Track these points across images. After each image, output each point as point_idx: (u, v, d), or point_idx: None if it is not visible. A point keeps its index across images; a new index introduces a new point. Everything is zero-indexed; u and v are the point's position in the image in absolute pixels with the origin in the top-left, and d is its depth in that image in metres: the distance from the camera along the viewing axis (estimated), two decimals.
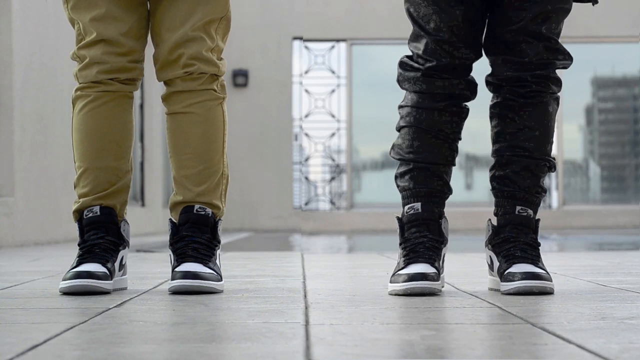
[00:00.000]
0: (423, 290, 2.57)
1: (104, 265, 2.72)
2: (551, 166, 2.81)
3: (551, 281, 2.63)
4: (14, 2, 6.64)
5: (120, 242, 2.81)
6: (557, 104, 2.84)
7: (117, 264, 2.78)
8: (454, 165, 2.82)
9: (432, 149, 2.76)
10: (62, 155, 7.67)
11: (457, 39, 2.74)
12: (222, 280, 2.75)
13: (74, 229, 8.80)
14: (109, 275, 2.70)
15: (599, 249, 6.39)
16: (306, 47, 14.38)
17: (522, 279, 2.60)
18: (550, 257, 5.19)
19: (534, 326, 1.94)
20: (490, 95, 2.87)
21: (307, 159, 14.56)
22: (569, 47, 2.93)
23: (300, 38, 14.20)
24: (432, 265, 2.64)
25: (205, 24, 2.78)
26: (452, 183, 2.84)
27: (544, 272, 2.64)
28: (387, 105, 14.76)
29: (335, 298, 2.58)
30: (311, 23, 14.11)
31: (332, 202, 14.54)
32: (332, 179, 14.56)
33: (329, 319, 2.09)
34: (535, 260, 2.69)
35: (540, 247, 2.76)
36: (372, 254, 5.37)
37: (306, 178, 14.58)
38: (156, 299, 2.58)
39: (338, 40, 14.37)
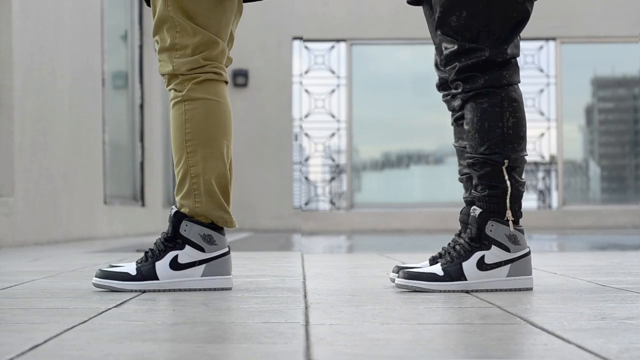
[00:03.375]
0: None
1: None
2: (485, 162, 2.77)
3: (428, 281, 2.71)
4: (14, 2, 6.64)
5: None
6: (493, 100, 2.76)
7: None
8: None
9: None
10: (62, 155, 7.67)
11: (438, 58, 2.95)
12: (136, 280, 2.80)
13: (74, 229, 8.77)
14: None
15: (599, 249, 6.39)
16: (306, 47, 14.38)
17: (399, 276, 2.76)
18: (550, 257, 5.19)
19: (534, 326, 1.94)
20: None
21: (307, 159, 14.56)
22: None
23: (300, 38, 14.20)
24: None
25: (156, 28, 2.91)
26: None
27: (427, 272, 2.73)
28: (387, 105, 14.81)
29: (335, 298, 2.58)
30: (311, 23, 14.11)
31: (332, 202, 14.54)
32: (332, 179, 14.56)
33: (329, 319, 2.09)
34: (449, 261, 2.75)
35: (485, 240, 2.75)
36: (372, 254, 5.37)
37: (306, 178, 14.58)
38: (156, 299, 2.58)
39: (338, 40, 14.37)
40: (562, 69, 14.04)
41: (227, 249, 2.88)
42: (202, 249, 2.83)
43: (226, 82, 2.94)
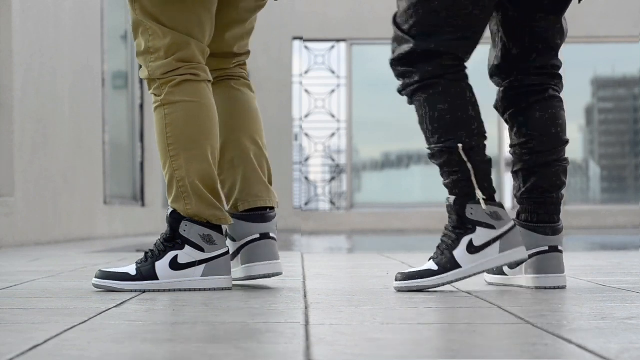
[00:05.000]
0: None
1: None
2: (440, 151, 2.79)
3: (426, 277, 2.73)
4: (14, 2, 6.64)
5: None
6: (433, 90, 2.81)
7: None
8: None
9: None
10: (62, 155, 7.67)
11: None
12: (136, 280, 2.81)
13: (74, 229, 8.75)
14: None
15: (599, 249, 6.38)
16: (306, 47, 14.38)
17: (397, 279, 2.79)
18: None
19: (534, 326, 1.94)
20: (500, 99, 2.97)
21: (307, 159, 14.56)
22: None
23: (300, 38, 14.21)
24: None
25: (133, 32, 2.92)
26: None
27: (422, 270, 2.76)
28: (387, 105, 14.80)
29: (335, 298, 2.58)
30: (311, 23, 14.11)
31: (332, 202, 14.54)
32: (332, 179, 14.56)
33: (329, 319, 2.09)
34: (440, 254, 2.77)
35: (469, 224, 2.76)
36: (372, 254, 5.37)
37: (306, 178, 14.58)
38: (156, 299, 2.58)
39: (338, 40, 14.37)
40: (562, 69, 14.01)
41: (226, 249, 2.87)
42: (201, 249, 2.83)
43: (209, 81, 2.91)
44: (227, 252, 2.87)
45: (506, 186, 13.56)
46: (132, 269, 2.83)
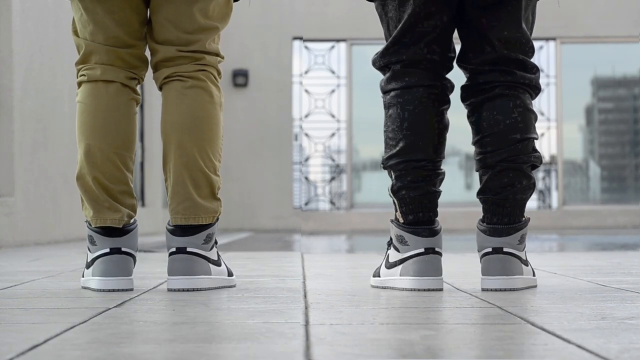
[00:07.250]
0: None
1: None
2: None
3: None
4: (14, 2, 6.64)
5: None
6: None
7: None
8: None
9: None
10: (62, 155, 7.67)
11: None
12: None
13: (74, 229, 8.75)
14: None
15: (599, 249, 6.39)
16: (306, 47, 14.38)
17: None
18: (550, 257, 5.19)
19: (534, 326, 1.94)
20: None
21: (307, 159, 14.56)
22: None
23: (300, 38, 14.21)
24: None
25: None
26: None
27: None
28: None
29: (335, 298, 2.58)
30: (311, 23, 14.11)
31: (332, 202, 14.54)
32: (332, 179, 14.56)
33: (329, 319, 2.09)
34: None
35: (390, 240, 2.92)
36: (372, 254, 5.37)
37: (306, 178, 14.58)
38: (156, 299, 2.58)
39: (338, 40, 14.37)
40: (562, 69, 14.03)
41: (104, 250, 2.80)
42: (90, 250, 2.87)
43: (99, 81, 2.99)
44: (105, 254, 2.80)
45: None
46: None
